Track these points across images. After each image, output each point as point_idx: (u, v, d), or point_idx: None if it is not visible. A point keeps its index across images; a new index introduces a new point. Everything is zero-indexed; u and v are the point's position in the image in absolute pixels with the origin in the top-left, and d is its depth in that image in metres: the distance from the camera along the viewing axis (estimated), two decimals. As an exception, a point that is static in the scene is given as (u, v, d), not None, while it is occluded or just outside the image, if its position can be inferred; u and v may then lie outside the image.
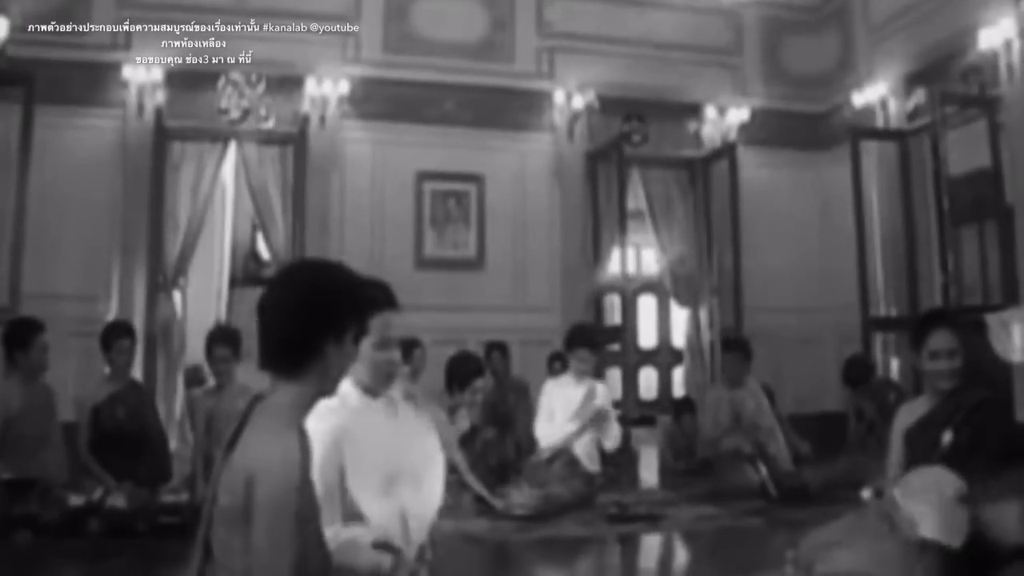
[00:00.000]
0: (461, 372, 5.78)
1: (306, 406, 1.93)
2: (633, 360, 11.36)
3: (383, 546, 2.50)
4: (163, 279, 7.20)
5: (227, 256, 9.53)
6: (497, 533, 4.61)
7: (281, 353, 1.90)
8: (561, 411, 5.62)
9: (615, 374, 8.24)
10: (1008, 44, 6.46)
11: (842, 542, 3.19)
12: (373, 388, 2.66)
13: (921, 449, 3.38)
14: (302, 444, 1.81)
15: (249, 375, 7.35)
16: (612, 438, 5.62)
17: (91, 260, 6.90)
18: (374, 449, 2.51)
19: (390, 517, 2.42)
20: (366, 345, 2.59)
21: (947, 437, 3.30)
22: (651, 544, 4.59)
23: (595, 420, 5.57)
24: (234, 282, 9.17)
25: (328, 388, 1.99)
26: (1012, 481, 2.93)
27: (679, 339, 9.66)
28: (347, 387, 2.67)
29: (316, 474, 2.45)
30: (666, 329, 11.37)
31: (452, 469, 5.62)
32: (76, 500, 4.29)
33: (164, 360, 7.15)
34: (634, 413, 10.30)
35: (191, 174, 7.36)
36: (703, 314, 8.49)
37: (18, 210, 6.04)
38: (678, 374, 10.58)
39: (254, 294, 7.12)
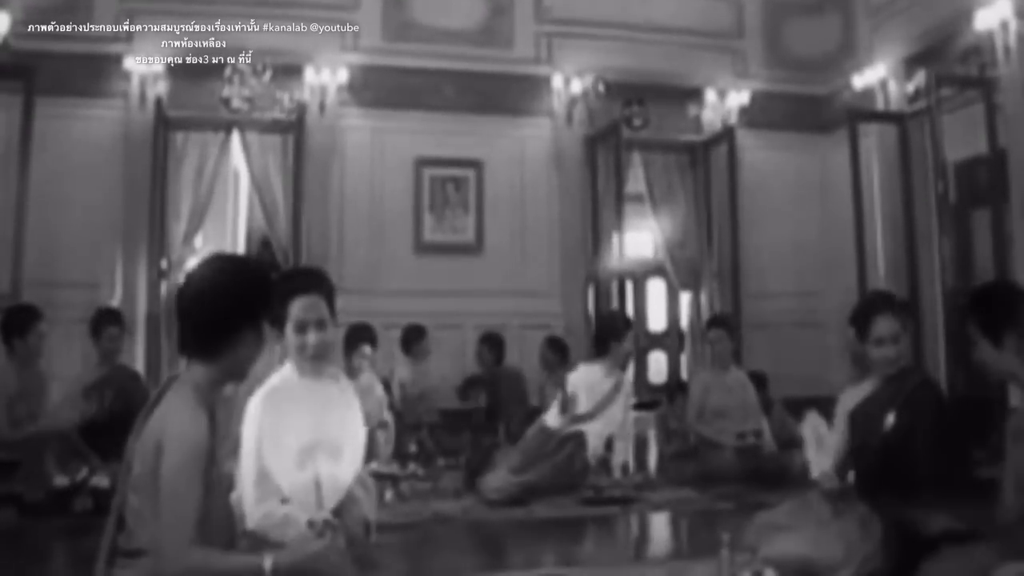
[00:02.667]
0: (353, 338, 5.76)
1: (215, 386, 2.10)
2: (643, 343, 11.46)
3: (316, 525, 2.60)
4: (167, 266, 7.36)
5: (241, 242, 9.70)
6: (470, 514, 4.71)
7: (196, 338, 2.09)
8: (585, 397, 5.42)
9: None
10: (1004, 24, 6.38)
11: (784, 526, 3.25)
12: (303, 369, 2.75)
13: (865, 432, 3.41)
14: (207, 421, 1.97)
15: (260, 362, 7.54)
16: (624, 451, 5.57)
17: (95, 248, 7.07)
18: (294, 419, 2.60)
19: (305, 486, 2.52)
20: (288, 328, 2.70)
21: (890, 419, 3.32)
22: (614, 526, 4.64)
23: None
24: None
25: (237, 371, 2.14)
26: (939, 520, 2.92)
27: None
28: (288, 369, 2.78)
29: (251, 451, 2.58)
30: (675, 313, 11.37)
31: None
32: (61, 480, 4.46)
33: (169, 346, 7.32)
34: (644, 397, 10.41)
35: (194, 163, 7.51)
36: (704, 298, 8.51)
37: (19, 200, 6.21)
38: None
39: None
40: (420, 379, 6.96)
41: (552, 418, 5.37)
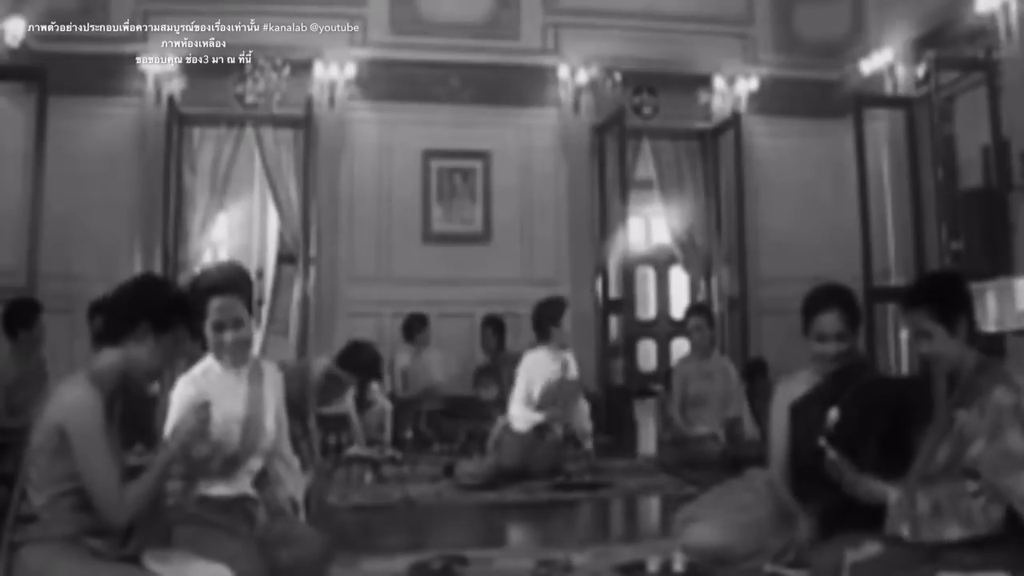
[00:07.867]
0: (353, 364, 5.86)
1: (117, 376, 2.37)
2: (666, 330, 11.48)
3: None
4: (184, 259, 7.63)
5: (272, 235, 9.93)
6: (441, 498, 4.86)
7: (103, 332, 2.48)
8: (539, 386, 5.62)
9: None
10: (1006, 6, 6.23)
11: (700, 516, 3.28)
12: (223, 361, 2.92)
13: (805, 426, 3.37)
14: (95, 394, 2.26)
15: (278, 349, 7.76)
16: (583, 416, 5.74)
17: (112, 242, 7.35)
18: (224, 428, 2.79)
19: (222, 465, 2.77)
20: (206, 326, 2.87)
21: (833, 415, 3.28)
22: (572, 510, 4.73)
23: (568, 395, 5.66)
24: (281, 259, 9.53)
25: (136, 368, 2.41)
26: None
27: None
28: (210, 361, 2.95)
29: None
30: (696, 300, 11.32)
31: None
32: (51, 460, 4.70)
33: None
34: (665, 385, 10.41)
35: (209, 158, 7.76)
36: (714, 284, 8.51)
37: (35, 196, 6.52)
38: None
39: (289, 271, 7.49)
40: (421, 367, 7.11)
41: (517, 420, 5.47)
